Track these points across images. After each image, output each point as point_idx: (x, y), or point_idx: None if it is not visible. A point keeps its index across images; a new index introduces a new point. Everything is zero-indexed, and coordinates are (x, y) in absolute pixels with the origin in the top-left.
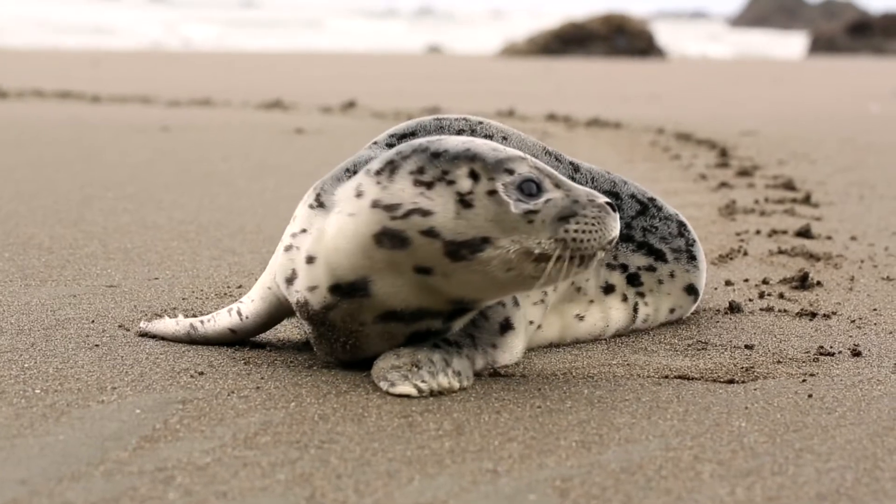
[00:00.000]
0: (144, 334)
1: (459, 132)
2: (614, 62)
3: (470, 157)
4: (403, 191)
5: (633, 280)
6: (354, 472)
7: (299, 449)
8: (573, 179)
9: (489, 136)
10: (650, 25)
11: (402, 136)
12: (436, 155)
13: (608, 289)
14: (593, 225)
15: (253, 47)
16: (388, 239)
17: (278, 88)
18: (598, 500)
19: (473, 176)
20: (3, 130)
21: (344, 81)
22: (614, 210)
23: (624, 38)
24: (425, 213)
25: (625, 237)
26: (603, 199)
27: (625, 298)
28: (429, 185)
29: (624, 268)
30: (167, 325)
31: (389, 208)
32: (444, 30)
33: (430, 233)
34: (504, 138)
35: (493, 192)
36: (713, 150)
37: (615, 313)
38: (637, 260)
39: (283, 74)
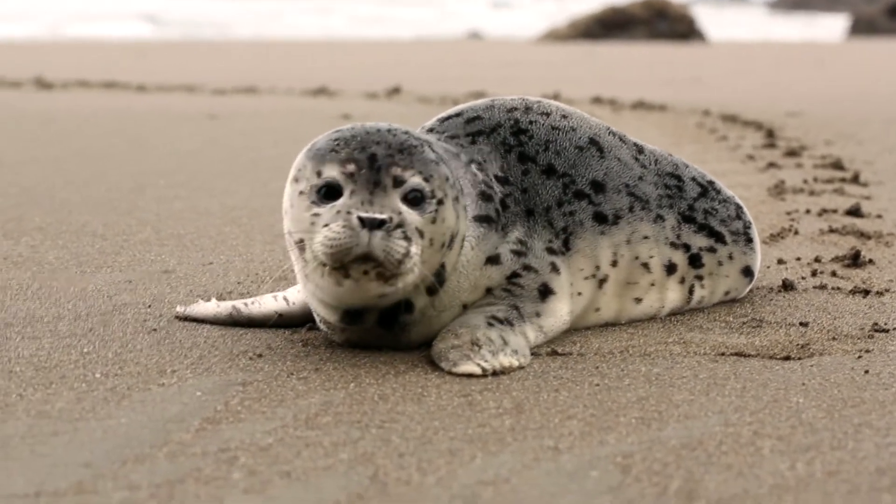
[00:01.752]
0: (184, 318)
1: (512, 110)
2: (656, 46)
3: (304, 156)
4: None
5: (694, 261)
6: (416, 451)
7: (360, 429)
8: (636, 161)
9: (546, 114)
10: (691, 9)
11: (446, 119)
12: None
13: (671, 268)
14: (336, 235)
15: (294, 35)
16: None
17: (323, 75)
18: (659, 476)
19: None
20: (50, 121)
21: (387, 67)
22: (376, 227)
23: (665, 22)
24: (285, 209)
25: (687, 218)
26: (364, 214)
27: (682, 280)
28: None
29: (687, 247)
30: (207, 307)
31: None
32: (483, 14)
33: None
34: (564, 116)
35: (301, 193)
36: (760, 131)
37: (671, 294)
38: (699, 241)
39: (327, 61)
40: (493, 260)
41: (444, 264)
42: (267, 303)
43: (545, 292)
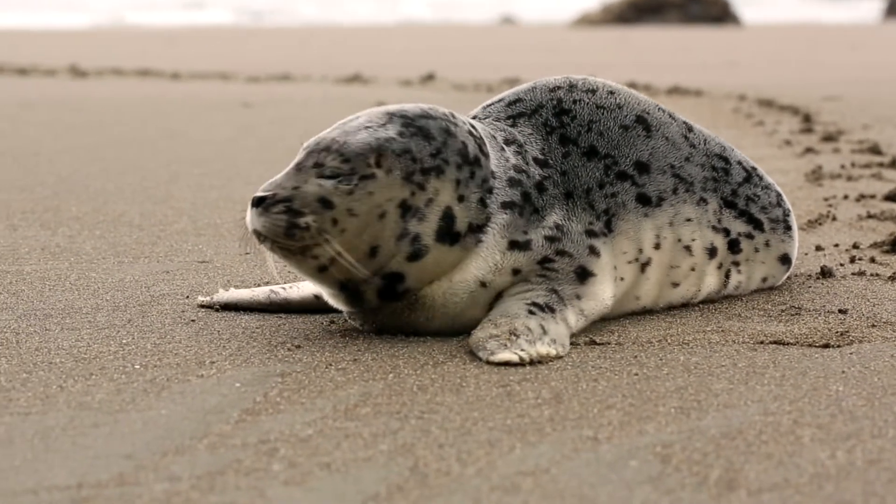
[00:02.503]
0: (221, 306)
1: (555, 89)
2: (689, 30)
3: None
4: None
5: (732, 246)
6: (456, 442)
7: (400, 419)
8: (686, 139)
9: (592, 91)
10: None
11: (489, 105)
12: None
13: (712, 252)
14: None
15: (327, 21)
16: None
17: (356, 62)
18: (699, 466)
19: None
20: (85, 110)
21: (420, 54)
22: (255, 205)
23: (698, 6)
24: None
25: (729, 203)
26: (257, 195)
27: (720, 265)
28: None
29: (727, 232)
30: (241, 293)
31: None
32: None
33: None
34: (611, 92)
35: None
36: (796, 115)
37: (708, 279)
38: (738, 226)
39: (360, 48)
40: (519, 245)
41: (418, 235)
42: (305, 286)
43: (583, 275)
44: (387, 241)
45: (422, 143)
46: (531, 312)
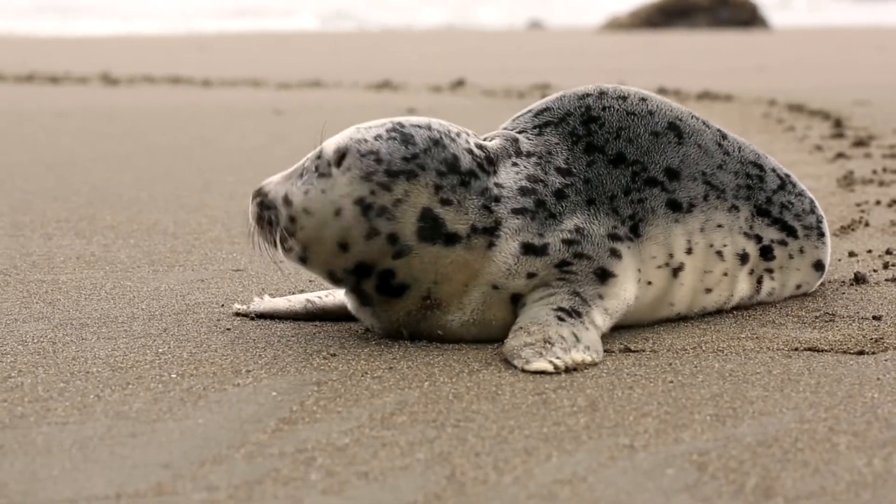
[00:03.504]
0: (258, 315)
1: (584, 97)
2: (718, 34)
3: None
4: None
5: (765, 252)
6: (493, 450)
7: (436, 428)
8: (719, 147)
9: (623, 98)
10: None
11: (518, 116)
12: None
13: (743, 257)
14: None
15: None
16: None
17: (386, 68)
18: (736, 474)
19: None
20: (117, 118)
21: (450, 60)
22: (254, 198)
23: (727, 10)
24: None
25: (762, 211)
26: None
27: (752, 271)
28: None
29: (758, 239)
30: (278, 302)
31: None
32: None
33: None
34: (642, 99)
35: None
36: (827, 120)
37: (741, 285)
38: (771, 233)
39: (389, 54)
40: (534, 249)
41: (394, 234)
42: (341, 294)
43: (604, 275)
44: (355, 239)
45: (396, 147)
46: (560, 319)
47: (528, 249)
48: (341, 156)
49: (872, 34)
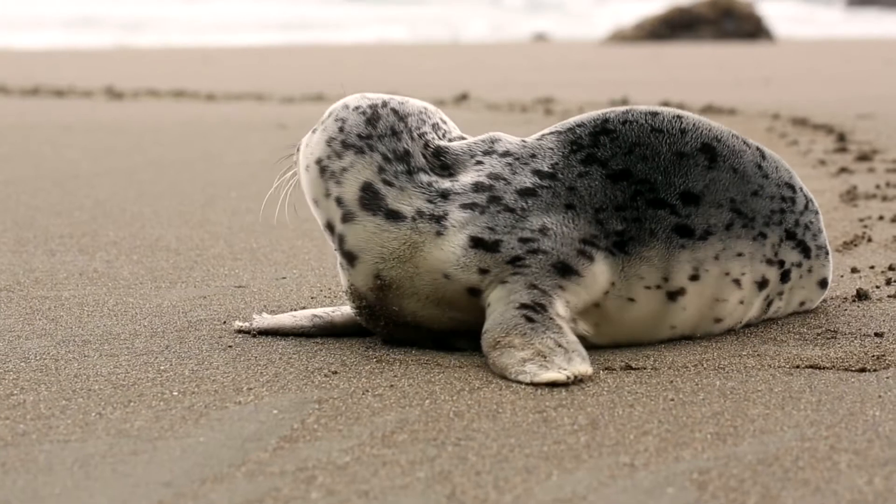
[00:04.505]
0: (262, 332)
1: (610, 111)
2: (723, 46)
3: None
4: None
5: (784, 276)
6: (493, 469)
7: (437, 446)
8: (759, 169)
9: (654, 114)
10: (758, 7)
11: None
12: None
13: (762, 284)
14: None
15: (361, 39)
16: None
17: (391, 81)
18: (736, 493)
19: None
20: (122, 132)
21: (454, 73)
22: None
23: (732, 21)
24: None
25: (790, 234)
26: None
27: (768, 296)
28: None
29: (781, 264)
30: (282, 319)
31: None
32: (548, 16)
33: None
34: (677, 117)
35: None
36: (830, 134)
37: (753, 311)
38: (793, 256)
39: (394, 67)
40: (483, 243)
41: (340, 197)
42: (349, 310)
43: (565, 270)
44: (321, 196)
45: (360, 123)
46: (528, 319)
47: (478, 243)
48: (327, 115)
49: (881, 46)
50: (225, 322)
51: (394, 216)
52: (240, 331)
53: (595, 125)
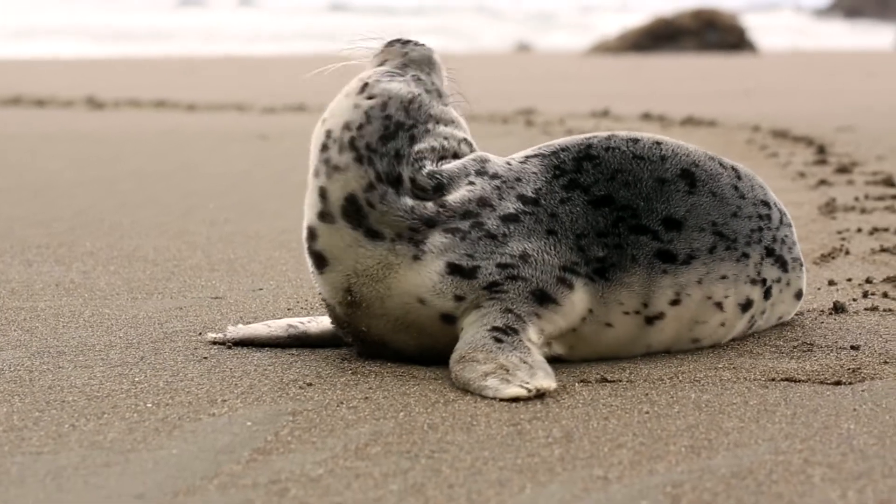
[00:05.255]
0: (237, 343)
1: (593, 137)
2: (706, 57)
3: None
4: None
5: (767, 294)
6: (466, 482)
7: (410, 459)
8: (736, 191)
9: (635, 140)
10: (741, 19)
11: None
12: None
13: (746, 306)
14: None
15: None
16: None
17: None
18: None
19: None
20: (102, 143)
21: None
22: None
23: (715, 33)
24: None
25: (769, 251)
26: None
27: (752, 316)
28: None
29: (763, 282)
30: (257, 329)
31: None
32: (531, 26)
33: None
34: (657, 143)
35: None
36: (810, 146)
37: (734, 332)
38: (773, 273)
39: None
40: (460, 270)
41: (324, 189)
42: (324, 321)
43: (543, 298)
44: (316, 167)
45: (377, 129)
46: (497, 340)
47: (455, 270)
48: (363, 86)
49: (864, 58)
50: (201, 333)
51: (374, 234)
52: (214, 342)
53: (579, 150)
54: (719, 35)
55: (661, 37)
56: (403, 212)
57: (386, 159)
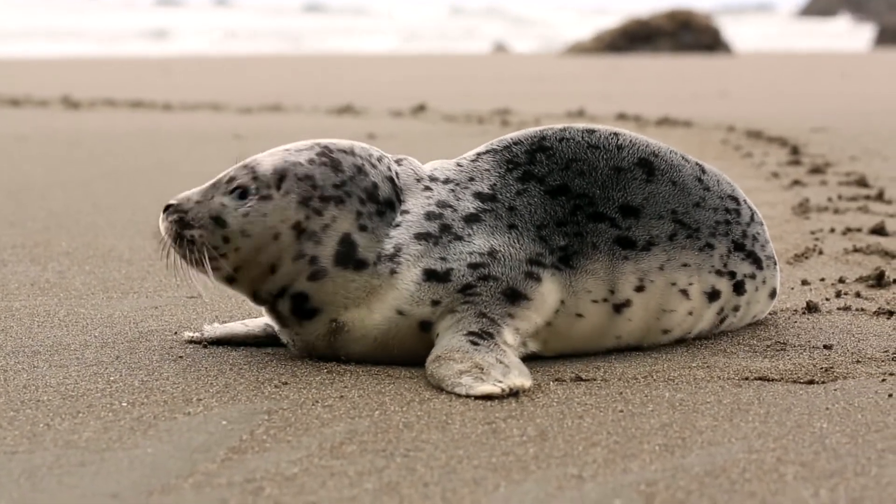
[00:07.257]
0: (214, 342)
1: (548, 129)
2: (681, 58)
3: None
4: None
5: (738, 288)
6: (441, 480)
7: (385, 457)
8: (699, 182)
9: (590, 131)
10: (716, 20)
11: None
12: None
13: (713, 295)
14: None
15: (319, 50)
16: None
17: (348, 92)
18: None
19: None
20: (77, 143)
21: (412, 84)
22: (164, 210)
23: (690, 34)
24: None
25: (739, 245)
26: (169, 201)
27: (721, 309)
28: None
29: (732, 275)
30: (234, 327)
31: None
32: (507, 27)
33: None
34: (614, 134)
35: None
36: (784, 147)
37: (703, 324)
38: (745, 268)
39: (352, 78)
40: (435, 275)
41: (316, 257)
42: None
43: (514, 296)
44: (285, 261)
45: (328, 173)
46: (474, 343)
47: (431, 276)
48: (280, 178)
49: (838, 60)
50: (176, 333)
51: (360, 265)
52: (191, 341)
53: (532, 143)
54: (694, 36)
55: (636, 38)
56: (389, 222)
57: (356, 180)
